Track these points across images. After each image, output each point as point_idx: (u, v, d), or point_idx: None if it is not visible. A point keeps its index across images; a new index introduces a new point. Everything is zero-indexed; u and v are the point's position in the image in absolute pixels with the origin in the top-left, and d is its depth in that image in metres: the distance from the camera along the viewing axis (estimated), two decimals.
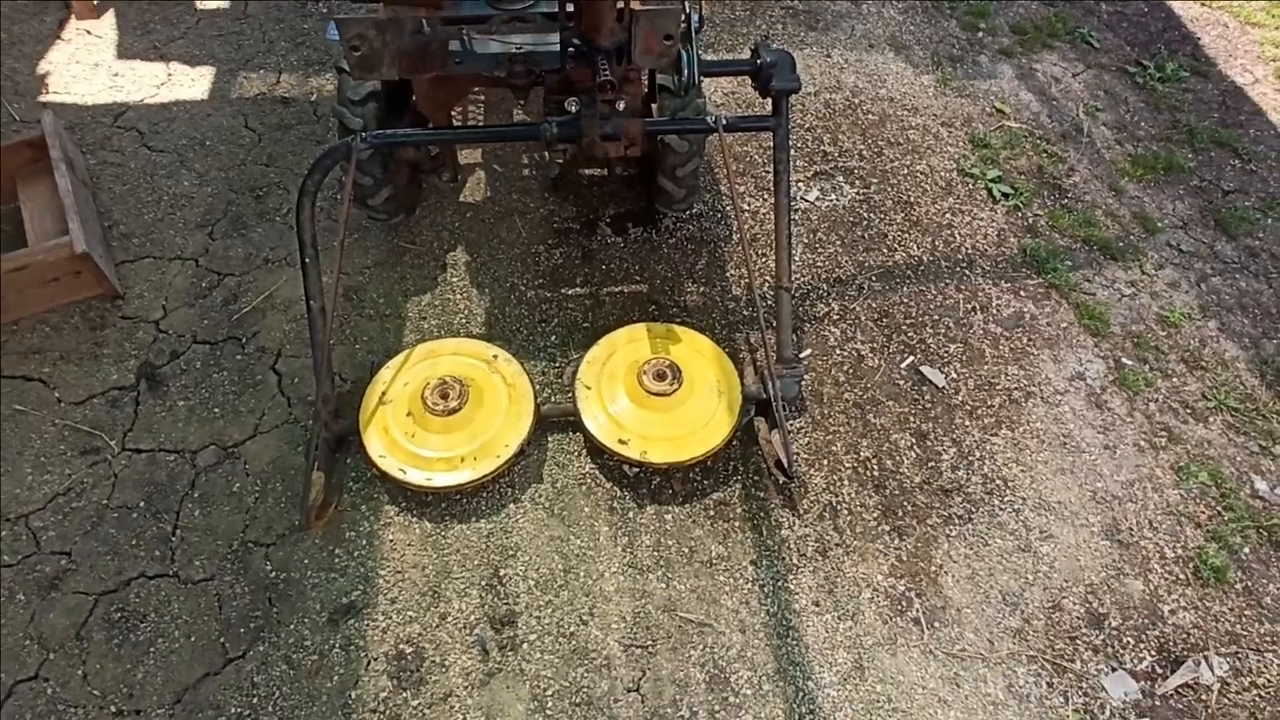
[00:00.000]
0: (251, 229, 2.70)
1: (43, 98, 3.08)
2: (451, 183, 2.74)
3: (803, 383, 2.36)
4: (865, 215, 2.85)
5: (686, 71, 2.07)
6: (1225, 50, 3.61)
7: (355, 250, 2.65)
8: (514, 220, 2.75)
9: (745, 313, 2.57)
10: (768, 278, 2.65)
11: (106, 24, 3.40)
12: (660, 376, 2.17)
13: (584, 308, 2.54)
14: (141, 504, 2.09)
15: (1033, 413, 2.42)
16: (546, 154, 2.89)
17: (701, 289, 2.62)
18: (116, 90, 3.13)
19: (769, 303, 2.52)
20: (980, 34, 3.63)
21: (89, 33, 3.36)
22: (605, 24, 1.87)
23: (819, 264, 2.71)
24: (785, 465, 2.08)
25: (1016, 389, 2.46)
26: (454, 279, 2.59)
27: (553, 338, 2.47)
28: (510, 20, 2.00)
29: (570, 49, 1.97)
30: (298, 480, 2.13)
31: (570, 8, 1.87)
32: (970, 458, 2.31)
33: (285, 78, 3.22)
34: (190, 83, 3.18)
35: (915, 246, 2.78)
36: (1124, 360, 2.56)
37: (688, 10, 2.08)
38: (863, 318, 2.58)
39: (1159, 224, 2.93)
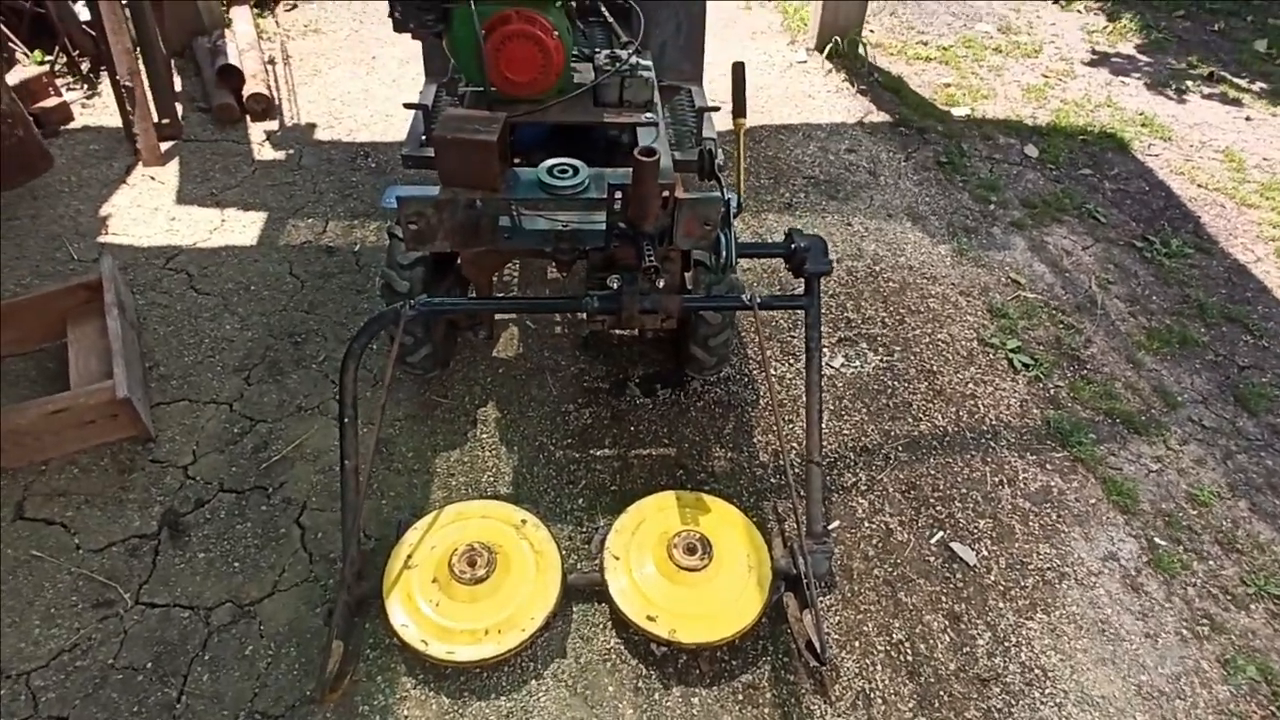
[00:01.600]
0: (287, 375, 2.75)
1: (102, 238, 3.24)
2: (487, 339, 2.82)
3: (832, 558, 2.32)
4: (889, 383, 2.91)
5: (725, 254, 2.18)
6: (1225, 229, 3.79)
7: (387, 402, 2.69)
8: (545, 377, 2.80)
9: (773, 480, 2.56)
10: (794, 444, 2.67)
11: (170, 171, 3.63)
12: (691, 550, 2.13)
13: (612, 470, 2.54)
14: (149, 665, 2.01)
15: (1068, 595, 2.35)
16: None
17: (729, 454, 2.63)
18: (172, 234, 3.29)
19: (797, 472, 2.52)
20: (992, 206, 3.83)
21: (153, 179, 3.58)
22: (651, 212, 1.99)
23: (845, 432, 2.73)
24: (818, 649, 2.01)
25: (1049, 569, 2.41)
26: (484, 435, 2.61)
27: (580, 500, 2.45)
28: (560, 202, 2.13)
29: (615, 231, 2.09)
30: (313, 645, 2.06)
31: (619, 195, 2.00)
32: (1006, 643, 2.22)
33: (331, 226, 3.40)
34: (241, 229, 3.35)
35: (940, 416, 2.81)
36: (1157, 540, 2.52)
37: (726, 195, 2.21)
38: (890, 489, 2.57)
39: (1179, 398, 2.97)
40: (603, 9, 2.58)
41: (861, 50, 4.78)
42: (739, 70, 2.15)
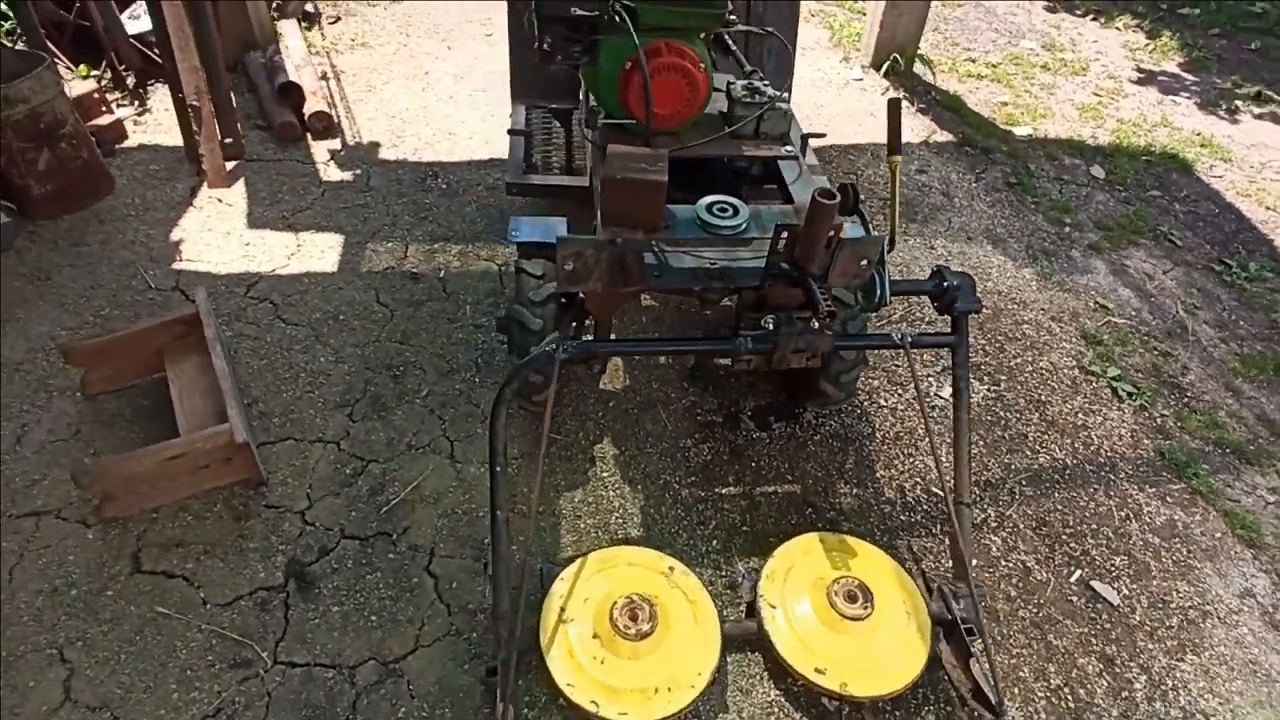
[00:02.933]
0: (392, 411, 2.65)
1: (177, 265, 3.11)
2: (600, 373, 2.74)
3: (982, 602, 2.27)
4: (1001, 414, 2.87)
5: (879, 292, 2.13)
6: None
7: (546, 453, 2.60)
8: (657, 412, 2.73)
9: (903, 518, 2.51)
10: (917, 479, 2.62)
11: (237, 193, 3.50)
12: (852, 598, 2.07)
13: (740, 509, 2.47)
14: None
15: (1213, 634, 2.32)
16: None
17: (855, 490, 2.57)
18: (248, 260, 3.17)
19: (924, 509, 2.48)
20: (1068, 229, 3.82)
21: (220, 200, 3.45)
22: (819, 253, 1.93)
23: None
24: (991, 699, 1.95)
25: (1191, 608, 2.38)
26: (604, 474, 2.53)
27: (714, 542, 2.38)
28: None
29: (773, 270, 2.02)
30: (467, 704, 1.96)
31: (784, 235, 1.94)
32: (1162, 687, 2.19)
33: (412, 251, 3.29)
34: (320, 254, 3.23)
35: (1057, 449, 2.78)
36: None
37: (876, 232, 2.16)
38: (1021, 526, 2.53)
39: None
40: (727, 38, 2.53)
41: (921, 68, 4.76)
42: (895, 107, 2.10)
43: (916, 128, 4.40)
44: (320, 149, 3.81)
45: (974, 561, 2.40)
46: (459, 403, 2.69)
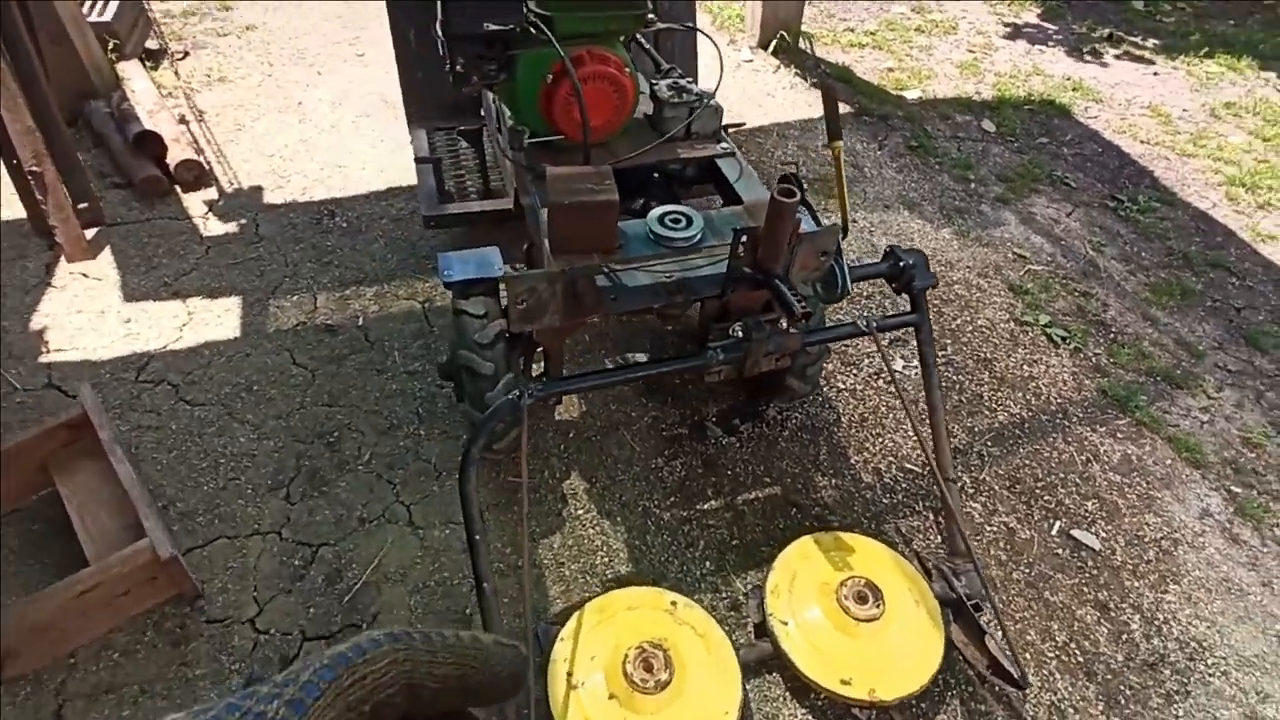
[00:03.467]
0: (334, 484, 2.40)
1: (45, 358, 2.71)
2: (556, 404, 2.57)
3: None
4: (955, 378, 2.90)
5: (840, 282, 2.07)
6: (1177, 180, 4.07)
7: (455, 488, 2.40)
8: (621, 434, 2.59)
9: (885, 501, 2.48)
10: (890, 459, 2.61)
11: (105, 264, 3.10)
12: (862, 599, 2.01)
13: (726, 522, 2.38)
14: None
15: (1186, 560, 2.42)
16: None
17: (834, 481, 2.52)
18: (133, 339, 2.81)
19: (904, 488, 2.46)
20: (973, 185, 3.93)
21: (85, 275, 3.05)
22: (782, 252, 1.85)
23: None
24: (1014, 673, 1.94)
25: (1163, 538, 2.47)
26: (579, 511, 2.37)
27: (707, 564, 2.27)
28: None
29: (735, 276, 1.92)
30: None
31: (744, 239, 1.84)
32: (1155, 622, 2.26)
33: (322, 301, 3.01)
34: (216, 320, 2.90)
35: (1011, 404, 2.83)
36: (1234, 489, 2.64)
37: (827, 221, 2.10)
38: (996, 487, 2.56)
39: (1200, 347, 3.15)
40: (639, 37, 2.39)
41: (805, 44, 4.79)
42: (829, 91, 2.03)
43: (814, 103, 4.42)
44: (194, 201, 3.43)
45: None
46: (407, 461, 2.46)
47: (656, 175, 2.35)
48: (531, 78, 1.93)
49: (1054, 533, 2.45)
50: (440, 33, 1.80)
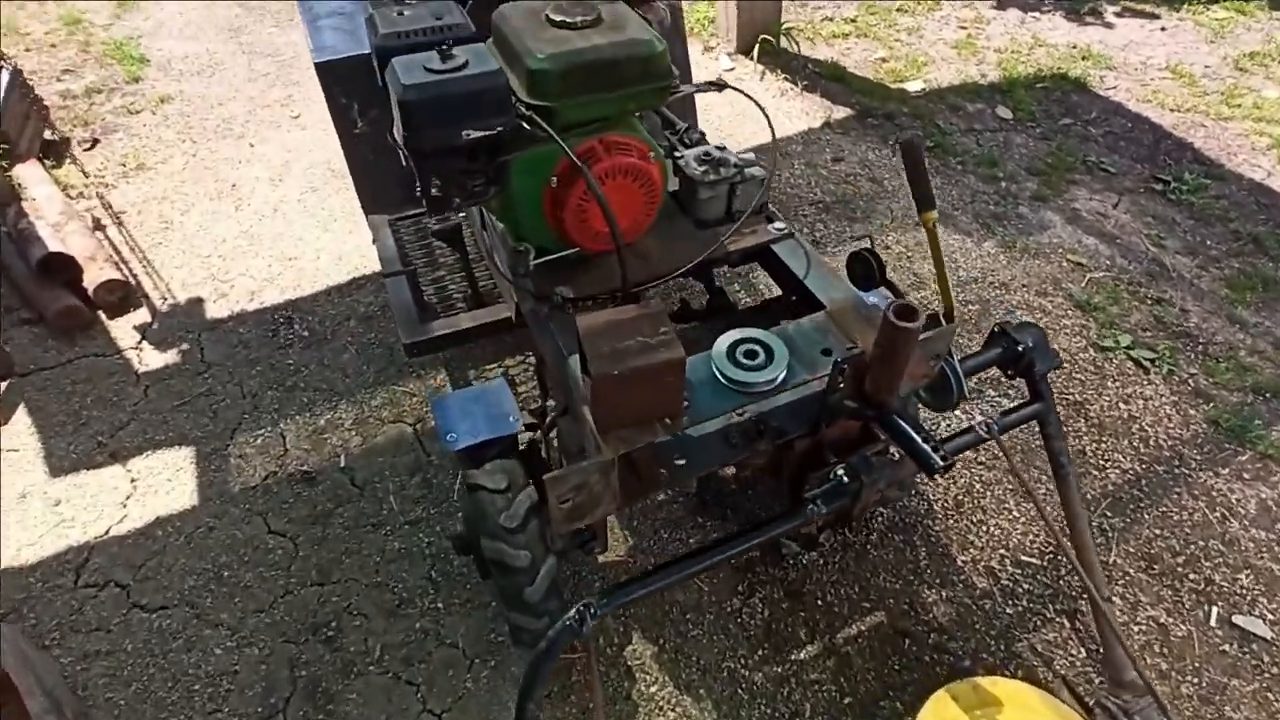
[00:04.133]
0: (340, 698, 1.92)
1: None
2: (601, 551, 2.11)
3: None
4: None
5: (955, 386, 1.63)
6: (1221, 149, 3.70)
7: (494, 679, 1.94)
8: None
9: (1008, 612, 2.07)
10: (1001, 551, 2.19)
11: (20, 429, 2.56)
12: None
13: (829, 673, 1.94)
14: None
15: None
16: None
17: (943, 593, 2.10)
18: (66, 527, 2.29)
19: (1027, 589, 2.05)
20: (1003, 183, 3.52)
21: None
22: (899, 384, 1.40)
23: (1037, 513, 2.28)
24: None
25: None
26: (652, 688, 1.92)
27: None
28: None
29: (837, 411, 1.48)
30: None
31: (844, 367, 1.39)
32: None
33: (292, 441, 2.51)
34: (166, 485, 2.40)
35: (1121, 458, 2.42)
36: None
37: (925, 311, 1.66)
38: (1130, 570, 2.15)
39: None
40: None
41: (789, 44, 4.33)
42: (913, 149, 1.58)
43: (811, 110, 3.97)
44: (123, 329, 2.89)
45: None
46: (428, 649, 2.00)
47: (705, 274, 1.89)
48: (531, 184, 1.47)
49: (1213, 623, 2.05)
50: (403, 147, 1.32)
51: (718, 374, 1.41)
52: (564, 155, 1.40)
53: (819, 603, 2.09)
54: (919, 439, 1.37)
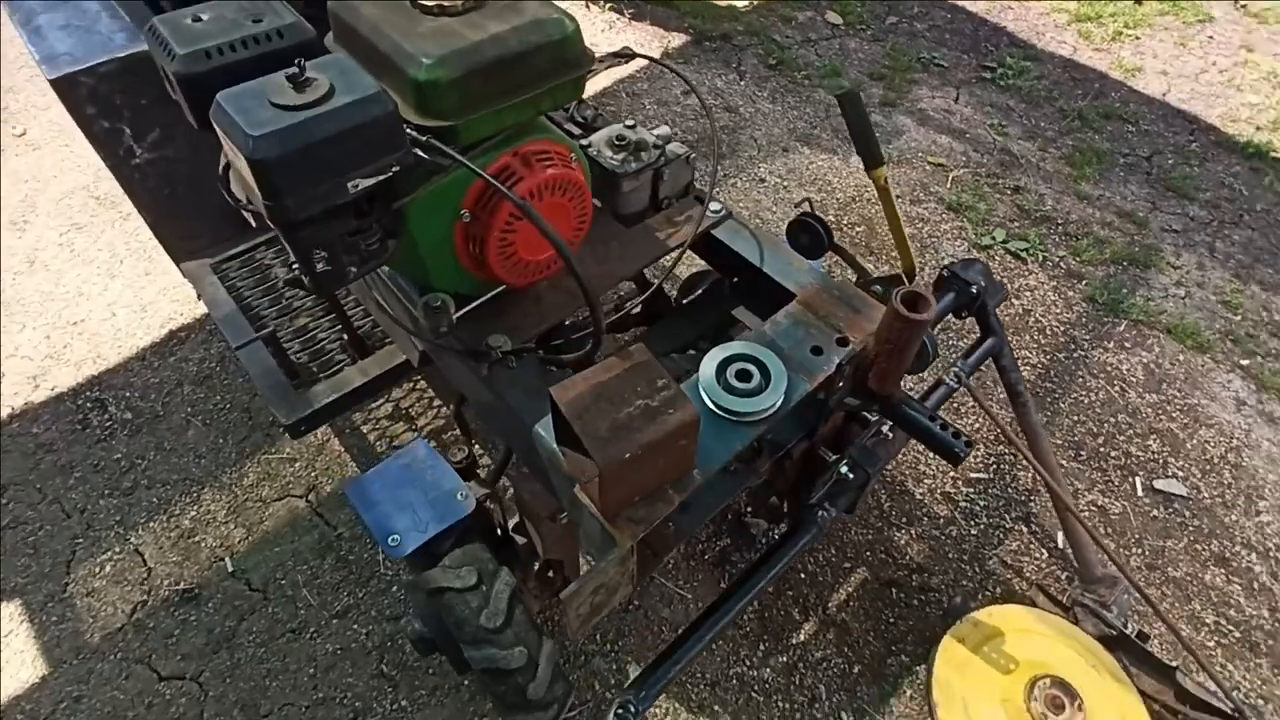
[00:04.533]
0: None
1: None
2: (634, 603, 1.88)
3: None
4: (957, 344, 2.53)
5: (929, 346, 1.55)
6: (1030, 30, 3.88)
7: None
8: (660, 585, 1.98)
9: (974, 533, 2.11)
10: (949, 474, 2.22)
11: None
12: (1058, 705, 1.64)
13: (832, 646, 1.89)
14: None
15: (1257, 468, 2.29)
16: None
17: (912, 530, 2.10)
18: None
19: (989, 509, 2.10)
20: None
21: None
22: (903, 372, 1.28)
23: (966, 421, 2.33)
24: (1227, 707, 1.68)
25: (1227, 452, 2.32)
26: (666, 718, 1.78)
27: (844, 715, 1.80)
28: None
29: (836, 408, 1.34)
30: None
31: (846, 366, 1.25)
32: (1270, 556, 2.11)
33: (154, 555, 2.05)
34: (8, 656, 1.87)
35: (1028, 353, 2.53)
36: (1242, 363, 2.55)
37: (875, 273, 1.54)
38: (1064, 462, 2.27)
39: (1139, 214, 3.01)
40: None
41: None
42: (852, 101, 1.41)
43: (646, 40, 3.70)
44: None
45: (1059, 535, 2.11)
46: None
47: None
48: (436, 225, 1.14)
49: (1140, 492, 2.22)
50: (265, 217, 0.95)
51: (713, 407, 1.21)
52: (474, 182, 1.09)
53: (801, 574, 2.02)
54: (936, 428, 1.26)
